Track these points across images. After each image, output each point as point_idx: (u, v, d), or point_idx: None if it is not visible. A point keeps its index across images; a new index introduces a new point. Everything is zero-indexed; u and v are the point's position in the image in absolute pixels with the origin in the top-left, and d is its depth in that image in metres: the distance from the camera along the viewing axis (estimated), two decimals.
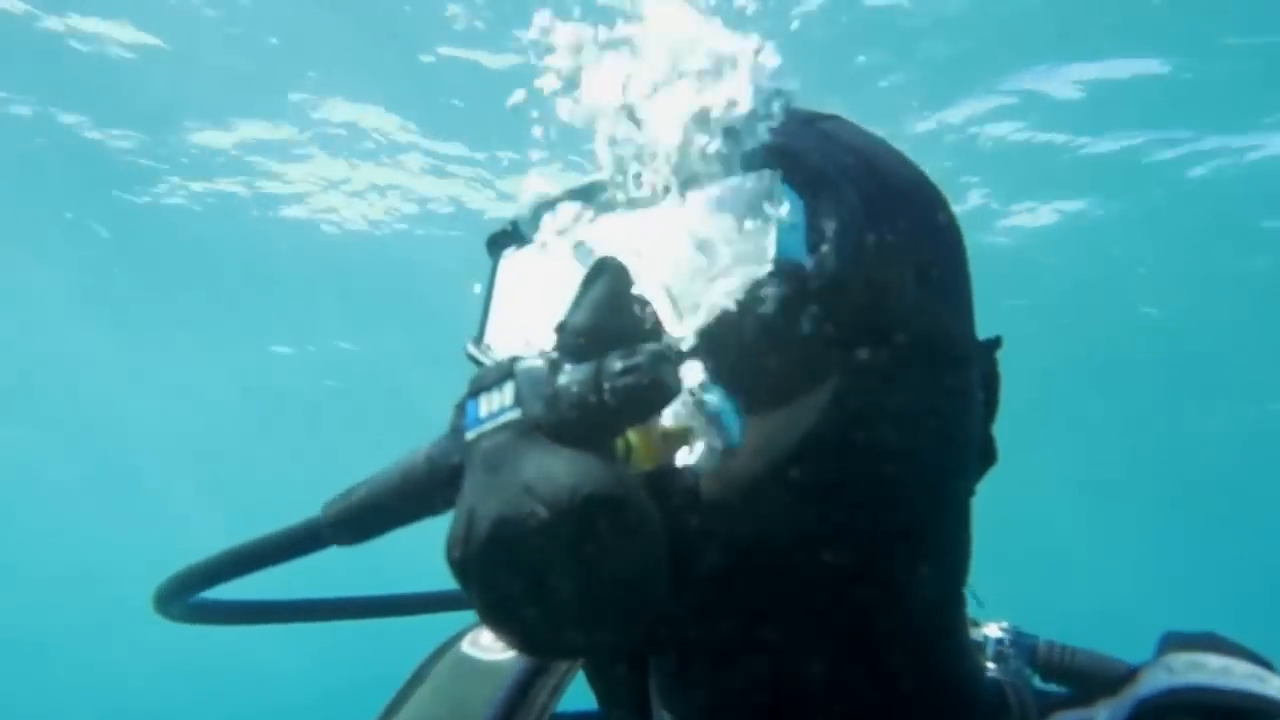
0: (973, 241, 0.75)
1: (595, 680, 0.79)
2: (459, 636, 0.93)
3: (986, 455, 0.74)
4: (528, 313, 0.71)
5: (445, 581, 0.64)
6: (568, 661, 0.85)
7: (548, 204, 0.71)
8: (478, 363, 0.72)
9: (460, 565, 0.59)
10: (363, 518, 0.66)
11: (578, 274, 0.67)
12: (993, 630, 0.84)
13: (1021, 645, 0.83)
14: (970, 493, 0.72)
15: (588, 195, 0.70)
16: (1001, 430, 0.75)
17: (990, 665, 0.82)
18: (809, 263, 0.63)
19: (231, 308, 11.29)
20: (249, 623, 0.79)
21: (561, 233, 0.69)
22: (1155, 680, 0.66)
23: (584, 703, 0.82)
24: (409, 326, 10.75)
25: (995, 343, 0.74)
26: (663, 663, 0.71)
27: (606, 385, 0.58)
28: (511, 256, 0.75)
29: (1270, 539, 14.54)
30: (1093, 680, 0.80)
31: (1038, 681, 0.84)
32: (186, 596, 0.73)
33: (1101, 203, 8.90)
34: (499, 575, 0.58)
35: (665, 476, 0.61)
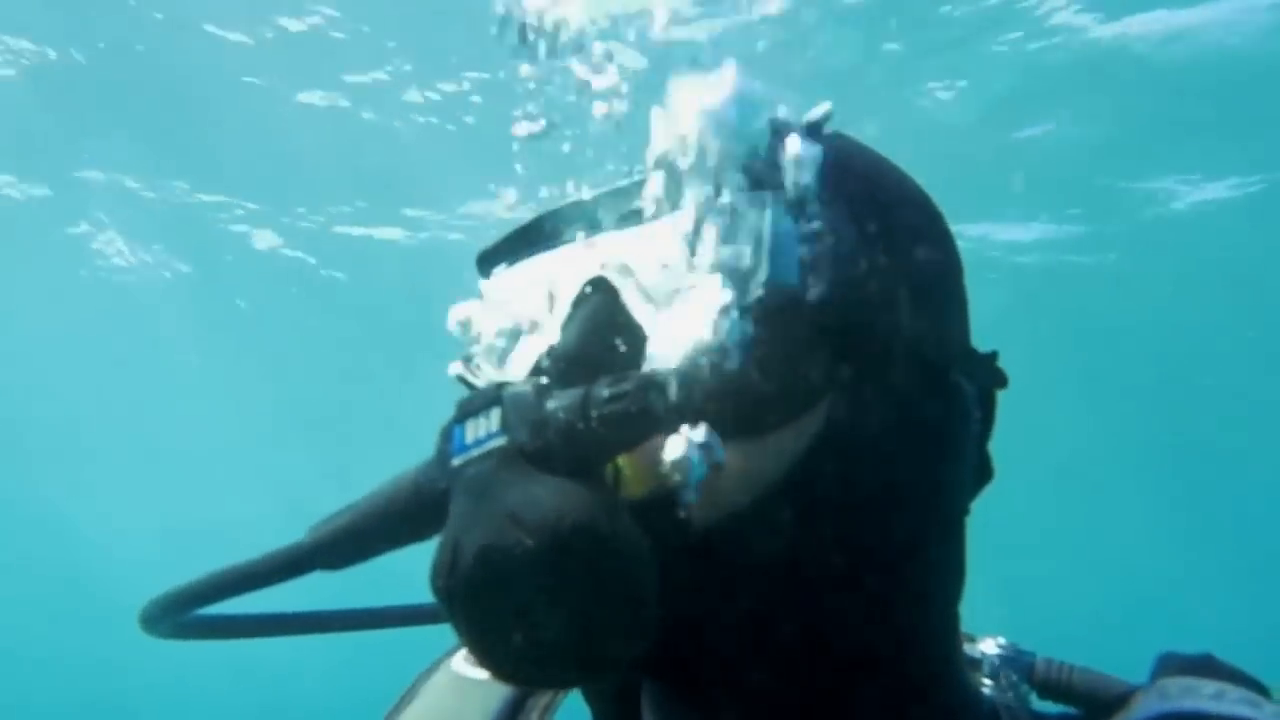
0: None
1: (590, 696, 0.78)
2: (452, 652, 0.92)
3: (982, 472, 0.73)
4: (519, 332, 0.70)
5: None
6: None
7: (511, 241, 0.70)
8: (466, 384, 0.71)
9: (446, 594, 0.58)
10: (349, 543, 0.65)
11: (570, 293, 0.66)
12: (989, 647, 0.83)
13: (1019, 663, 0.82)
14: (965, 511, 0.72)
15: (573, 214, 0.69)
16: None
17: (987, 682, 0.81)
18: (801, 286, 0.62)
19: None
20: (238, 637, 0.78)
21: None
22: (1149, 705, 0.66)
23: (577, 718, 0.81)
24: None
25: (992, 357, 0.73)
26: (653, 683, 0.70)
27: (594, 413, 0.57)
28: (503, 274, 0.74)
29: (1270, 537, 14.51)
30: (1090, 700, 0.79)
31: (1034, 699, 0.83)
32: (171, 618, 0.72)
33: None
34: (484, 605, 0.57)
35: (654, 503, 0.60)
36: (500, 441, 0.58)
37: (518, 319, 0.71)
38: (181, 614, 0.72)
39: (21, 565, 18.28)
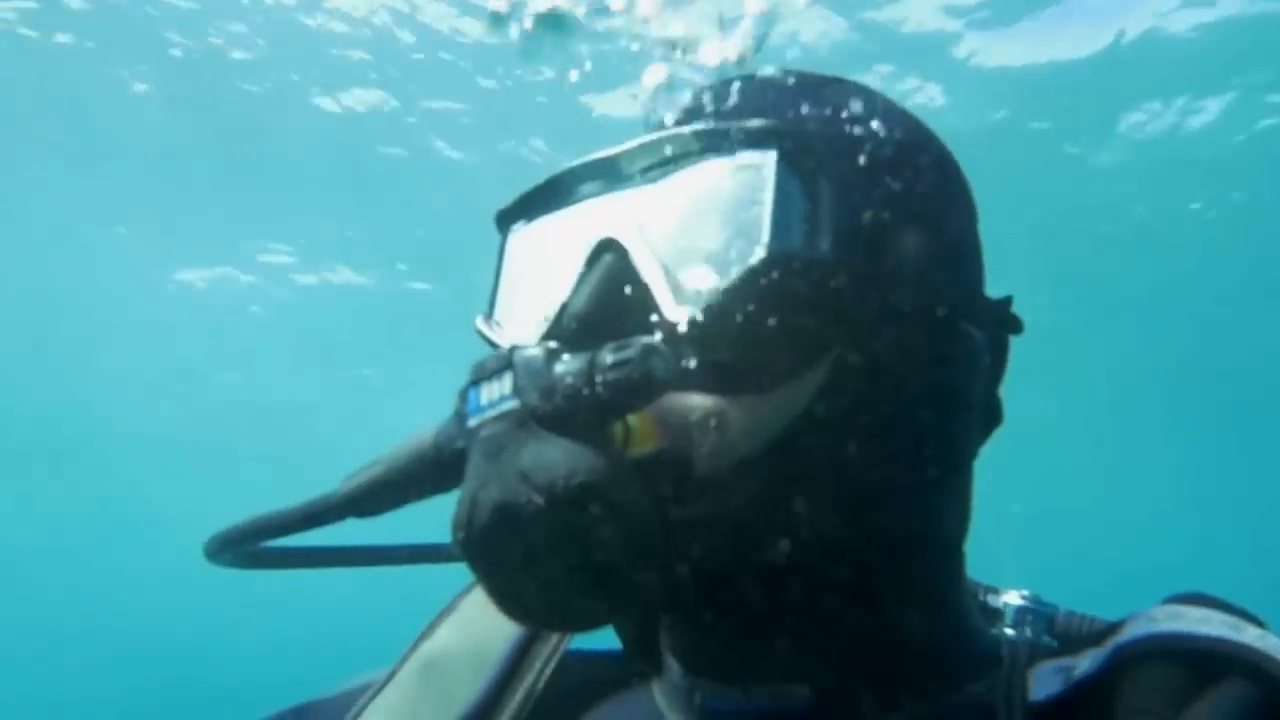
0: None
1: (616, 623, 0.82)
2: None
3: (991, 417, 0.74)
4: (536, 290, 0.72)
5: None
6: None
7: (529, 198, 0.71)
8: (487, 339, 0.74)
9: (464, 546, 0.62)
10: (376, 495, 0.69)
11: (583, 252, 0.68)
12: (1012, 598, 0.83)
13: (1040, 613, 0.82)
14: (972, 455, 0.73)
15: (590, 172, 0.70)
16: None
17: (1009, 632, 0.82)
18: (804, 242, 0.63)
19: None
20: (295, 567, 0.83)
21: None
22: (1136, 628, 0.67)
23: (600, 641, 0.85)
24: None
25: (1006, 303, 0.73)
26: (666, 617, 0.74)
27: (599, 378, 0.59)
28: (521, 231, 0.75)
29: None
30: None
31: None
32: (230, 551, 0.78)
33: None
34: (500, 556, 0.61)
35: (662, 459, 0.62)
36: (512, 404, 0.61)
37: (534, 276, 0.72)
38: (236, 548, 0.78)
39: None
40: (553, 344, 0.63)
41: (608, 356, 0.59)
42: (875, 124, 0.70)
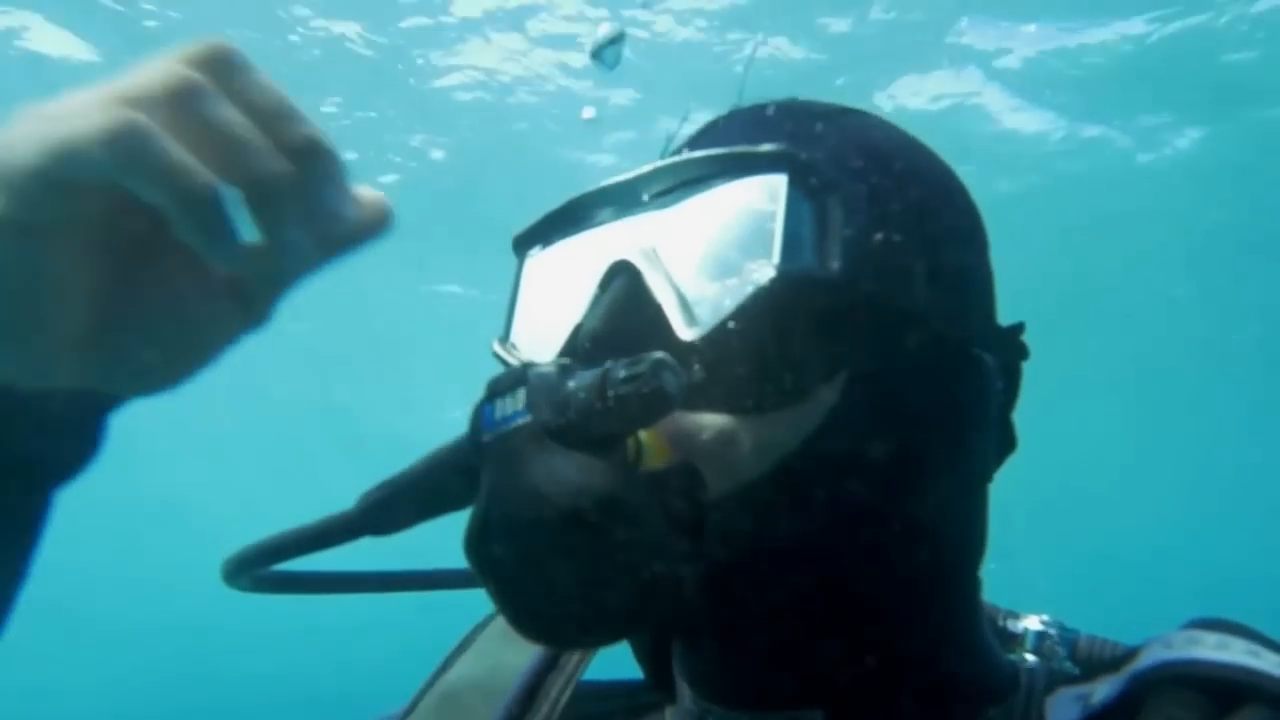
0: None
1: (633, 647, 0.82)
2: None
3: (1005, 443, 0.74)
4: (551, 313, 0.73)
5: None
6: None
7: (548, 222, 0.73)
8: (503, 362, 0.75)
9: (476, 560, 0.62)
10: (392, 511, 0.70)
11: (597, 275, 0.69)
12: (1033, 623, 0.83)
13: (1062, 639, 0.82)
14: (986, 479, 0.73)
15: (605, 197, 0.71)
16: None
17: (1030, 657, 0.81)
18: (816, 266, 0.64)
19: None
20: (311, 592, 0.84)
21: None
22: (1153, 655, 0.67)
23: (612, 671, 0.85)
24: None
25: (1018, 329, 0.74)
26: (679, 642, 0.74)
27: (611, 393, 0.59)
28: (537, 256, 0.77)
29: None
30: None
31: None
32: (246, 574, 0.78)
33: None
34: (511, 570, 0.61)
35: (673, 475, 0.63)
36: (526, 419, 0.62)
37: (550, 300, 0.74)
38: (253, 570, 0.78)
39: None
40: (566, 360, 0.64)
41: (620, 371, 0.60)
42: (887, 151, 0.71)
